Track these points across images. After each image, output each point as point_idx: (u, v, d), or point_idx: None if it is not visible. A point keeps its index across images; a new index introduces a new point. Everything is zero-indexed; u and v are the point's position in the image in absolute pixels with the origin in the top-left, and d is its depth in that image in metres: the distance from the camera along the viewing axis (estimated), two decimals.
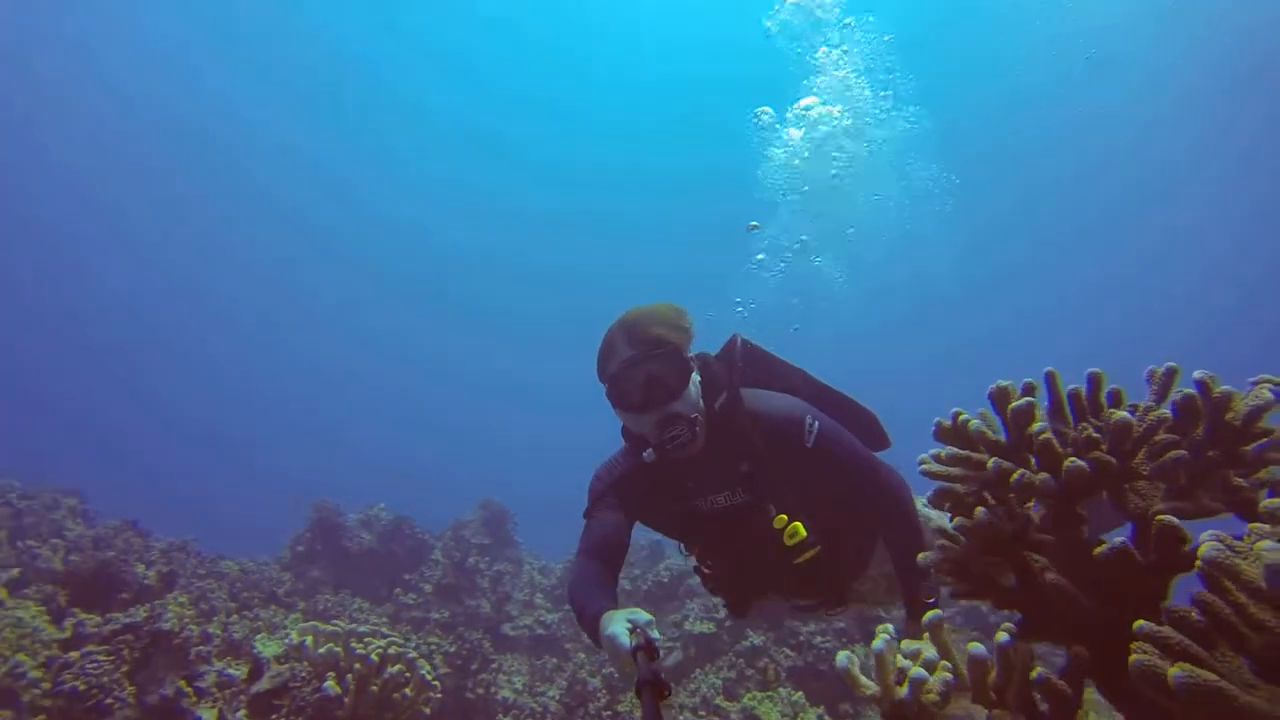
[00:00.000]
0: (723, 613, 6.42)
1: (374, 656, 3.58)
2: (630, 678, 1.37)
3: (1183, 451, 1.34)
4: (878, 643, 1.20)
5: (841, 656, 1.21)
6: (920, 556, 1.50)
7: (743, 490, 2.06)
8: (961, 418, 1.55)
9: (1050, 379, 1.58)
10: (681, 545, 2.27)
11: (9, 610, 3.84)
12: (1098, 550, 1.23)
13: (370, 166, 28.83)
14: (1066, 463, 1.34)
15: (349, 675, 3.53)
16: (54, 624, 3.63)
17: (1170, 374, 1.51)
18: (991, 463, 1.44)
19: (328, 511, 9.23)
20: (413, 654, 3.89)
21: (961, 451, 1.52)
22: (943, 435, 1.60)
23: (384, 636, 3.94)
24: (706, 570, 2.25)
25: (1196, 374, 1.44)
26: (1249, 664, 1.01)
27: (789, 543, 1.98)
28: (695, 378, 2.02)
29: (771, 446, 2.03)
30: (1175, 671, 0.90)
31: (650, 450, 2.00)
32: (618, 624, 1.54)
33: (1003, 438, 1.52)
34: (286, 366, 32.32)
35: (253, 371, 31.78)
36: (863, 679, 1.19)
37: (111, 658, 3.41)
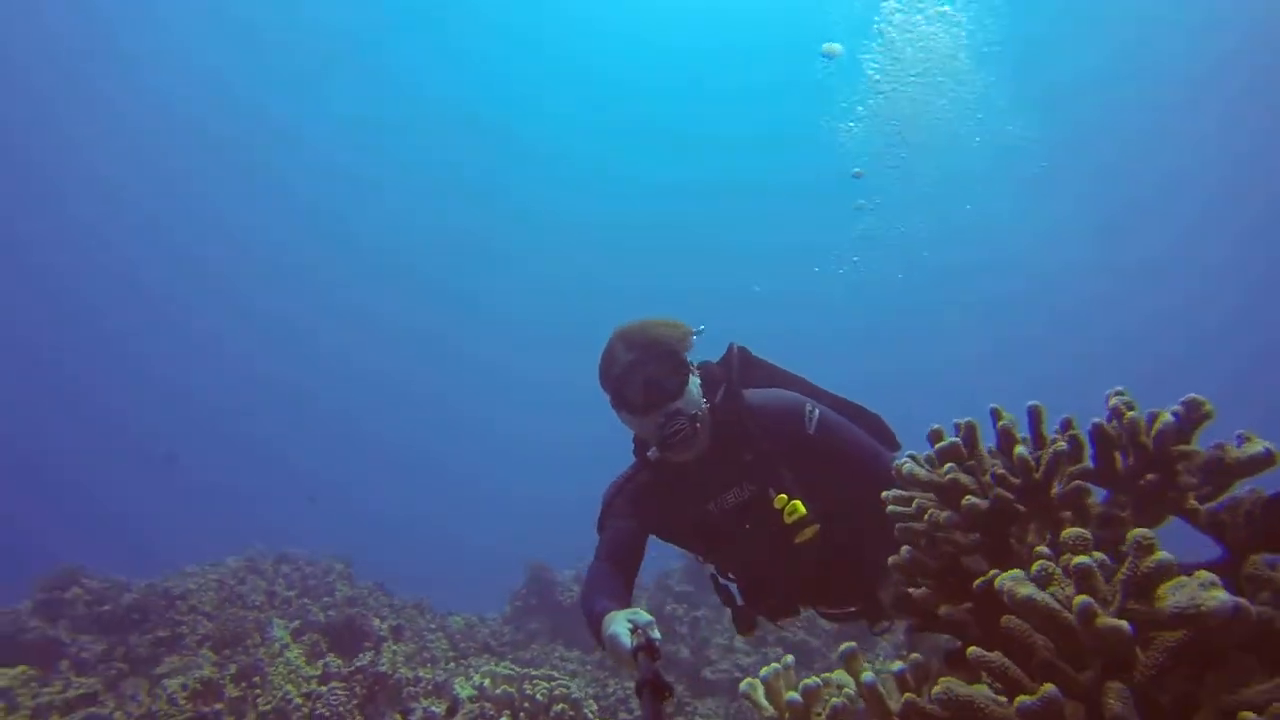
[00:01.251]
0: None
1: (540, 696, 4.09)
2: (633, 678, 1.42)
3: (1079, 482, 1.37)
4: (765, 671, 1.38)
5: (744, 683, 1.39)
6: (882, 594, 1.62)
7: (748, 483, 2.05)
8: (902, 461, 1.66)
9: (994, 415, 1.64)
10: (698, 556, 2.24)
11: (285, 653, 4.96)
12: (975, 582, 1.32)
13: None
14: (964, 500, 1.43)
15: (521, 713, 4.07)
16: (311, 664, 4.65)
17: (1114, 397, 1.52)
18: (915, 503, 1.55)
19: (541, 570, 10.28)
20: (577, 694, 4.35)
21: (902, 492, 1.64)
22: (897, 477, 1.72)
23: (552, 679, 4.46)
24: (726, 580, 2.23)
25: (1111, 400, 1.45)
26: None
27: (788, 520, 1.95)
28: (695, 380, 2.05)
29: (773, 436, 2.03)
30: (937, 689, 1.03)
31: (654, 449, 2.04)
32: (619, 624, 1.56)
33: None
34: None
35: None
36: (763, 702, 1.36)
37: (348, 693, 4.30)
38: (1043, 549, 1.29)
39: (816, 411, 2.07)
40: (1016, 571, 1.03)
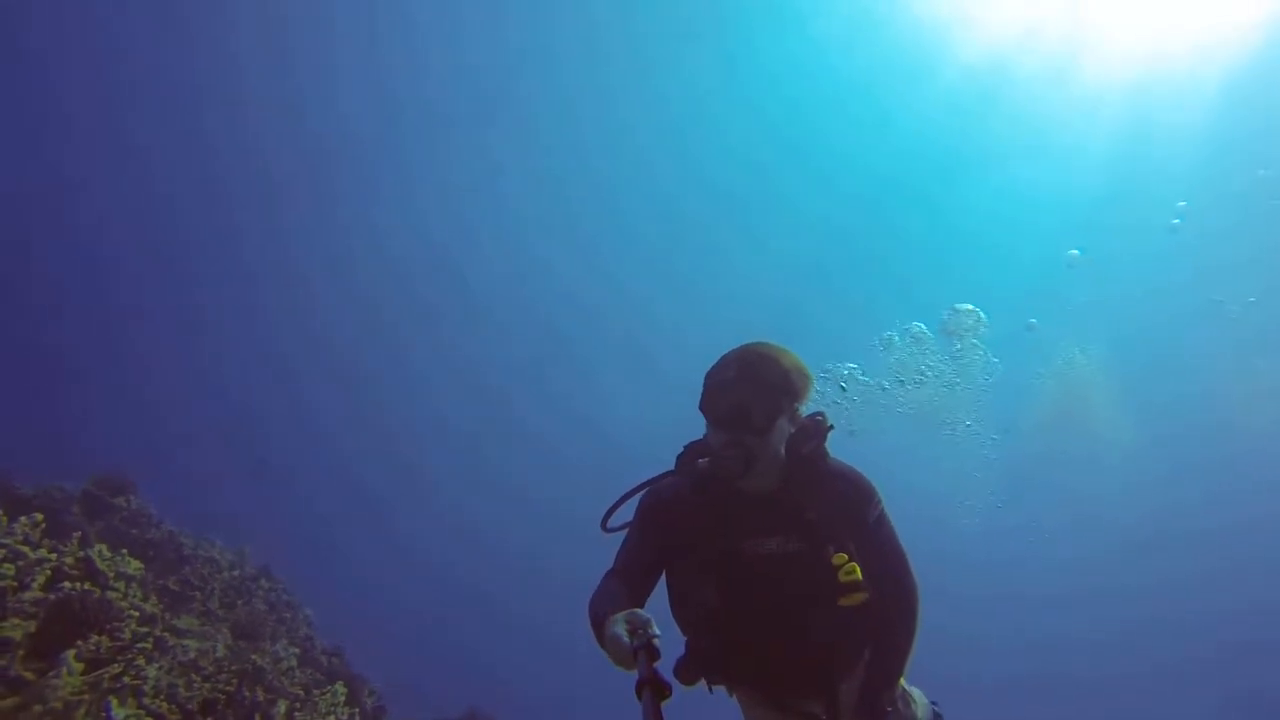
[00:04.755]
0: None
1: None
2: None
3: None
4: None
5: None
6: None
7: (799, 538, 2.02)
8: None
9: None
10: (682, 593, 2.11)
11: (295, 673, 4.99)
12: None
13: None
14: None
15: None
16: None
17: None
18: None
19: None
20: None
21: None
22: None
23: None
24: (695, 608, 2.11)
25: None
26: None
27: (844, 579, 1.95)
28: (786, 426, 2.03)
29: (837, 507, 2.05)
30: None
31: (704, 460, 2.06)
32: (619, 624, 1.56)
33: None
34: None
35: None
36: None
37: None
38: None
39: (882, 506, 2.11)
40: None
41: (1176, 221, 19.38)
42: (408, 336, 26.24)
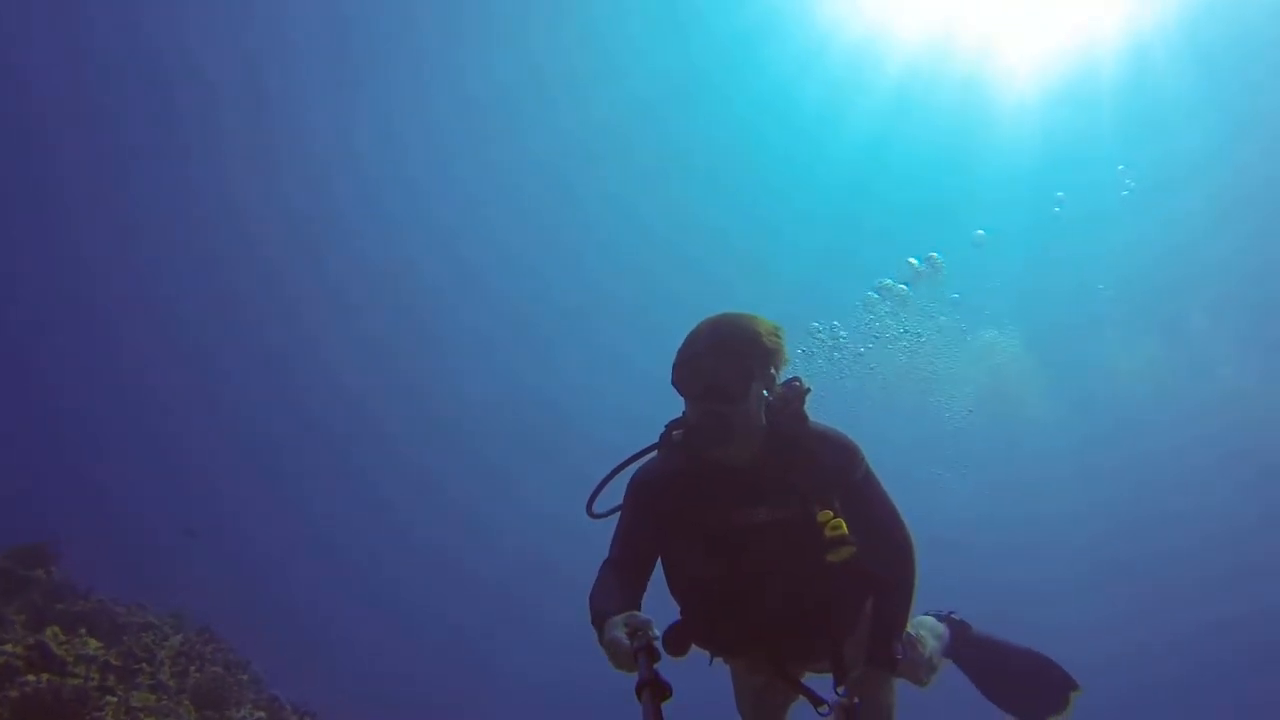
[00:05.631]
0: None
1: None
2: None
3: None
4: None
5: None
6: None
7: (788, 504, 2.00)
8: None
9: None
10: (678, 562, 2.09)
11: None
12: None
13: None
14: None
15: None
16: None
17: None
18: None
19: None
20: None
21: None
22: None
23: None
24: (690, 583, 2.09)
25: None
26: None
27: (830, 534, 1.92)
28: (763, 393, 2.01)
29: (822, 466, 2.03)
30: None
31: (679, 432, 2.05)
32: (619, 627, 1.57)
33: None
34: None
35: None
36: None
37: None
38: None
39: (867, 462, 2.10)
40: None
41: (1057, 209, 21.25)
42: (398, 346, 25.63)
